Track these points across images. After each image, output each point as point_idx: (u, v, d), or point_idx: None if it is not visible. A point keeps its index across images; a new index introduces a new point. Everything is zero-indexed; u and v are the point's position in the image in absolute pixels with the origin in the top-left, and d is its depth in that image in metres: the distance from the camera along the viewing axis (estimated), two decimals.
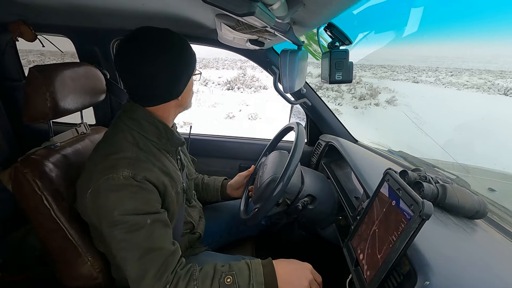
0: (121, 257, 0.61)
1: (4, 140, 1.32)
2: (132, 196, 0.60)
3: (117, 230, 0.59)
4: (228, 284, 0.61)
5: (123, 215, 0.59)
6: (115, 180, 0.60)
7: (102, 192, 0.60)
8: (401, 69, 12.20)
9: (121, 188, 0.60)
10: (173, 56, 0.65)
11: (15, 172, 0.72)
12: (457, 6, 31.45)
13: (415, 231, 0.46)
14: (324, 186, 0.96)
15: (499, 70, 11.62)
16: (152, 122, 0.69)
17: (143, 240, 0.59)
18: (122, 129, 0.68)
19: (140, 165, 0.63)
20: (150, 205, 0.63)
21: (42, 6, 0.86)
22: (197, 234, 0.94)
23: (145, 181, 0.62)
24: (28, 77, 0.76)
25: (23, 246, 1.14)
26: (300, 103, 1.11)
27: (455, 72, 12.11)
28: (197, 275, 0.62)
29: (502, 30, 19.71)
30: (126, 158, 0.63)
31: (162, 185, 0.67)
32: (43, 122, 0.81)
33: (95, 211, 0.62)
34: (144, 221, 0.60)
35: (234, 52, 1.25)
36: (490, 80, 10.79)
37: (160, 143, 0.72)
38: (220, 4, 0.32)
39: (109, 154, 0.64)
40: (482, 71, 11.79)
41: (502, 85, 10.03)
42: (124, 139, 0.67)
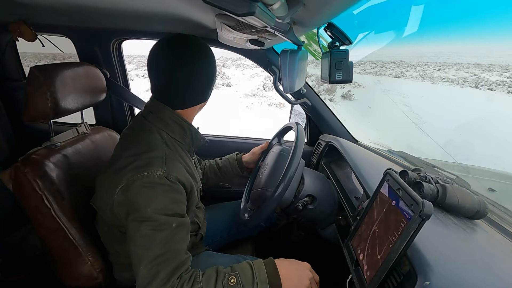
0: (137, 254, 0.61)
1: (5, 140, 1.32)
2: (164, 195, 0.62)
3: (144, 226, 0.60)
4: (232, 284, 0.62)
5: (154, 213, 0.60)
6: (150, 178, 0.62)
7: (137, 188, 0.61)
8: (391, 65, 12.19)
9: (155, 186, 0.62)
10: (207, 64, 0.71)
11: (15, 171, 0.72)
12: (456, 6, 31.18)
13: (415, 231, 0.46)
14: (324, 186, 0.96)
15: (488, 64, 11.56)
16: (178, 122, 0.72)
17: (164, 241, 0.61)
18: (150, 128, 0.70)
19: (172, 165, 0.66)
20: (179, 206, 0.65)
21: (42, 6, 0.86)
22: (199, 235, 0.94)
23: (176, 181, 0.65)
24: (28, 77, 0.76)
25: (23, 246, 1.14)
26: (300, 103, 1.11)
27: (443, 66, 12.10)
28: (200, 278, 0.63)
29: (497, 28, 19.64)
30: (159, 157, 0.65)
31: (190, 185, 0.69)
32: (44, 122, 0.81)
33: (125, 205, 0.63)
34: (171, 223, 0.62)
35: (234, 52, 1.25)
36: (476, 73, 10.74)
37: (184, 143, 0.75)
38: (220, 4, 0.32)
39: (141, 152, 0.66)
40: (470, 65, 11.77)
41: (488, 78, 9.99)
42: (154, 138, 0.69)
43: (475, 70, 11.39)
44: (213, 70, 0.73)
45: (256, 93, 10.20)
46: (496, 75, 10.55)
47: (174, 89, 0.70)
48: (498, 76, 10.46)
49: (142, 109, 0.76)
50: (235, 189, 1.49)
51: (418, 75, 11.30)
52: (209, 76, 0.72)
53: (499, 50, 13.05)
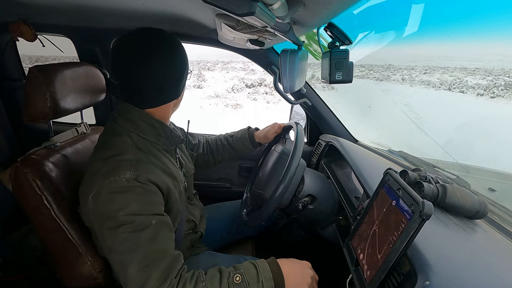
0: (121, 263, 0.58)
1: (5, 140, 1.32)
2: (136, 197, 0.60)
3: (121, 230, 0.58)
4: (237, 282, 0.61)
5: (128, 215, 0.58)
6: (118, 182, 0.59)
7: (106, 195, 0.59)
8: (379, 68, 12.32)
9: (125, 190, 0.59)
10: (175, 59, 0.66)
11: (15, 172, 0.72)
12: (456, 6, 31.20)
13: (415, 231, 0.46)
14: (324, 186, 0.96)
15: (474, 68, 11.79)
16: (149, 122, 0.68)
17: (147, 241, 0.58)
18: (120, 131, 0.67)
19: (142, 167, 0.63)
20: (155, 206, 0.62)
21: (42, 5, 0.85)
22: (199, 233, 0.94)
23: (148, 182, 0.62)
24: (28, 77, 0.76)
25: (23, 246, 1.14)
26: (300, 103, 1.11)
27: (429, 70, 12.31)
28: (204, 277, 0.62)
29: (489, 29, 19.65)
30: (128, 160, 0.62)
31: (165, 186, 0.66)
32: (43, 122, 0.81)
33: (98, 214, 0.61)
34: (149, 221, 0.59)
35: (234, 52, 1.25)
36: (460, 77, 11.02)
37: (160, 142, 0.71)
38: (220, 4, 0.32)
39: (109, 157, 0.63)
40: (456, 68, 12.00)
41: (471, 82, 10.24)
42: (123, 142, 0.66)
43: (459, 73, 11.65)
44: (182, 65, 0.68)
45: (221, 94, 10.55)
46: (479, 79, 10.76)
47: (141, 88, 0.65)
48: (481, 80, 10.67)
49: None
50: (235, 189, 1.49)
51: (401, 78, 11.54)
52: (178, 72, 0.67)
53: (490, 54, 13.26)
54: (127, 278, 0.58)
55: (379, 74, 11.99)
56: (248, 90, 11.51)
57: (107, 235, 0.60)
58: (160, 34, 0.65)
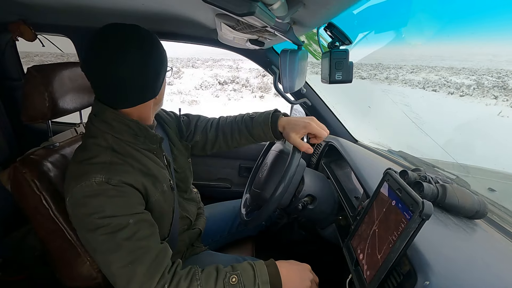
0: (105, 261, 0.58)
1: (4, 140, 1.32)
2: (110, 200, 0.58)
3: (98, 232, 0.57)
4: (233, 283, 0.61)
5: (103, 218, 0.57)
6: (89, 187, 0.58)
7: (80, 200, 0.58)
8: (367, 67, 12.56)
9: (97, 194, 0.58)
10: (151, 56, 0.62)
11: (14, 172, 0.72)
12: (453, 6, 30.72)
13: (415, 231, 0.46)
14: (324, 186, 0.96)
15: (461, 67, 12.17)
16: (124, 123, 0.65)
17: (127, 239, 0.57)
18: (95, 133, 0.65)
19: (116, 168, 0.61)
20: (132, 207, 0.61)
21: (42, 5, 0.85)
22: (197, 230, 0.92)
23: (121, 184, 0.60)
24: (26, 77, 0.75)
25: (22, 246, 1.14)
26: (300, 103, 1.11)
27: (416, 69, 12.64)
28: (199, 275, 0.61)
29: (480, 30, 19.60)
30: (100, 163, 0.61)
31: (142, 187, 0.64)
32: (42, 122, 0.81)
33: (76, 218, 0.61)
34: (126, 221, 0.58)
35: (234, 52, 1.25)
36: (445, 76, 11.42)
37: (138, 142, 0.68)
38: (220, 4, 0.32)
39: (82, 160, 0.62)
40: (443, 68, 12.33)
41: (454, 81, 10.59)
42: (97, 144, 0.64)
43: (445, 73, 11.91)
44: (159, 63, 0.64)
45: (185, 91, 10.75)
46: (463, 78, 11.10)
47: (113, 87, 0.61)
48: (464, 79, 11.00)
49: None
50: (235, 189, 1.49)
51: (385, 77, 11.80)
52: (154, 71, 0.63)
53: (480, 54, 13.67)
54: (114, 276, 0.58)
55: (366, 73, 12.24)
56: (218, 87, 11.69)
57: (87, 237, 0.59)
58: (135, 30, 0.61)
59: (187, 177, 0.92)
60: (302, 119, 0.80)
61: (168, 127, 0.88)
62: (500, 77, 11.16)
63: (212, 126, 0.93)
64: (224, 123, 0.93)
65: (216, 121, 0.95)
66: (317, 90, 1.31)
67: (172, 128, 0.89)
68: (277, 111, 0.87)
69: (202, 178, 1.44)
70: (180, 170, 0.87)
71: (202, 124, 0.94)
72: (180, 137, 0.92)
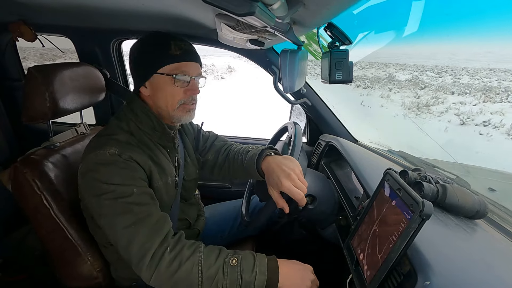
0: (109, 224, 0.63)
1: (5, 140, 1.32)
2: (119, 171, 0.64)
3: (104, 197, 0.62)
4: (233, 265, 0.62)
5: (110, 184, 0.62)
6: (102, 155, 0.64)
7: (91, 166, 0.64)
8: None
9: (109, 163, 0.64)
10: (139, 47, 0.73)
11: (14, 172, 0.72)
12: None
13: (415, 231, 0.46)
14: (324, 186, 0.96)
15: (412, 64, 12.88)
16: (146, 113, 0.73)
17: (130, 203, 0.62)
18: (121, 117, 0.74)
19: (128, 147, 0.67)
20: (137, 180, 0.66)
21: (42, 6, 0.85)
22: (195, 230, 0.93)
23: (131, 159, 0.66)
24: (27, 77, 0.76)
25: (23, 246, 1.14)
26: (300, 103, 1.11)
27: (369, 65, 13.75)
28: (202, 248, 0.64)
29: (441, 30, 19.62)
30: (116, 140, 0.68)
31: (148, 169, 0.70)
32: (43, 122, 0.81)
33: (85, 185, 0.66)
34: (131, 190, 0.63)
35: (234, 52, 1.25)
36: (391, 72, 12.46)
37: (155, 136, 0.75)
38: (220, 4, 0.32)
39: (102, 135, 0.70)
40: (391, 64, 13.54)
41: (398, 77, 11.89)
42: (119, 126, 0.72)
43: (393, 69, 13.09)
44: (148, 52, 0.72)
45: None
46: (406, 74, 12.12)
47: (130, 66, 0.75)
48: (407, 75, 12.16)
49: None
50: (235, 189, 1.49)
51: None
52: (140, 56, 0.73)
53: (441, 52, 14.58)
54: (117, 237, 0.62)
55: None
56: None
57: (93, 202, 0.64)
58: (154, 33, 0.75)
59: (192, 188, 0.95)
60: (279, 170, 0.71)
61: (187, 136, 0.94)
62: (439, 72, 12.70)
63: (225, 151, 0.95)
64: (232, 151, 0.93)
65: (229, 148, 0.95)
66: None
67: (190, 139, 0.95)
68: (270, 148, 0.82)
69: (202, 178, 1.44)
70: (187, 178, 0.90)
71: (219, 145, 0.99)
72: (195, 149, 0.97)
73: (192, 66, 0.74)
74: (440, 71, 13.09)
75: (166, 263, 0.60)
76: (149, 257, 0.59)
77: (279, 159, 0.75)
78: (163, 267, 0.59)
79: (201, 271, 0.60)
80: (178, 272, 0.60)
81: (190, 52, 0.74)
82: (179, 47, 0.72)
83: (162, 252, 0.60)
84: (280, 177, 0.69)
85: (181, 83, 0.72)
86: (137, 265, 0.60)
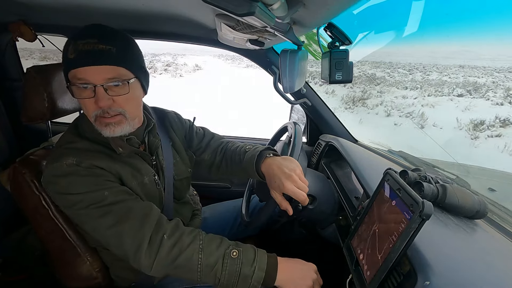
0: (93, 229, 0.61)
1: (4, 140, 1.32)
2: (81, 179, 0.60)
3: (76, 208, 0.60)
4: (233, 257, 0.61)
5: (76, 194, 0.60)
6: (58, 168, 0.61)
7: (50, 179, 0.62)
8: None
9: (67, 174, 0.60)
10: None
11: (13, 172, 0.72)
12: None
13: (415, 231, 0.46)
14: (324, 186, 0.96)
15: (388, 61, 14.11)
16: (91, 126, 0.66)
17: (108, 206, 0.60)
18: (77, 125, 0.71)
19: (88, 154, 0.63)
20: (105, 183, 0.62)
21: (42, 6, 0.85)
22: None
23: (92, 166, 0.62)
24: (26, 78, 0.76)
25: (23, 246, 1.14)
26: (300, 103, 1.11)
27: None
28: (203, 236, 0.63)
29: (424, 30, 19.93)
30: (75, 148, 0.64)
31: (116, 171, 0.65)
32: (42, 122, 0.81)
33: (53, 198, 0.65)
34: (102, 194, 0.60)
35: (234, 52, 1.25)
36: (364, 69, 13.37)
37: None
38: (220, 4, 0.32)
39: (59, 145, 0.66)
40: (367, 62, 14.71)
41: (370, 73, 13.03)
42: (77, 133, 0.68)
43: (367, 67, 14.30)
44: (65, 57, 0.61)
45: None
46: (379, 71, 13.23)
47: None
48: (380, 72, 13.17)
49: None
50: (235, 189, 1.49)
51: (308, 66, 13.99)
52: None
53: (423, 51, 16.03)
54: (106, 238, 0.61)
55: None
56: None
57: (69, 213, 0.63)
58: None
59: (184, 186, 0.90)
60: (280, 172, 0.70)
61: (175, 133, 0.88)
62: (410, 70, 13.59)
63: (222, 150, 0.92)
64: (229, 150, 0.90)
65: (225, 147, 0.93)
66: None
67: (179, 136, 0.89)
68: (268, 148, 0.81)
69: (202, 178, 1.44)
70: (178, 177, 0.86)
71: (215, 144, 0.94)
72: (188, 147, 0.92)
73: (93, 70, 0.58)
74: (412, 68, 14.11)
75: (166, 249, 0.59)
76: (145, 245, 0.58)
77: (279, 160, 0.74)
78: (163, 254, 0.59)
79: (201, 259, 0.60)
80: (179, 258, 0.59)
81: (88, 54, 0.57)
82: (75, 49, 0.57)
83: (160, 239, 0.59)
84: (282, 180, 0.68)
85: (78, 93, 0.60)
86: (134, 258, 0.59)
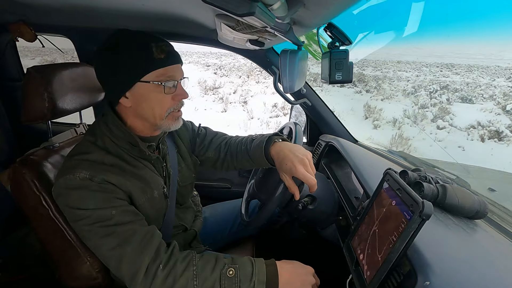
0: (95, 247, 0.61)
1: (4, 140, 1.32)
2: (92, 194, 0.60)
3: (81, 222, 0.61)
4: (230, 276, 0.60)
5: (85, 210, 0.60)
6: (71, 180, 0.60)
7: (62, 191, 0.62)
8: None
9: (79, 187, 0.60)
10: (114, 52, 0.63)
11: (13, 172, 0.72)
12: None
13: (415, 231, 0.46)
14: (324, 186, 0.96)
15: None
16: (120, 129, 0.67)
17: (113, 227, 0.60)
18: (95, 133, 0.68)
19: (102, 168, 0.63)
20: (114, 201, 0.62)
21: (42, 6, 0.86)
22: (192, 231, 0.92)
23: (104, 182, 0.62)
24: (26, 78, 0.76)
25: (23, 246, 1.14)
26: (300, 103, 1.11)
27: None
28: (196, 261, 0.62)
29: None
30: (89, 160, 0.63)
31: (127, 189, 0.65)
32: (42, 123, 0.81)
33: (61, 208, 0.64)
34: (109, 212, 0.60)
35: (234, 52, 1.25)
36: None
37: (134, 150, 0.70)
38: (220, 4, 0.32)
39: (73, 155, 0.65)
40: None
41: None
42: (93, 143, 0.67)
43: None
44: (123, 61, 0.63)
45: None
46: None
47: (100, 79, 0.68)
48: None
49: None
50: (235, 189, 1.49)
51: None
52: (115, 66, 0.63)
53: (411, 49, 17.96)
54: (106, 258, 0.62)
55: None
56: None
57: (74, 227, 0.63)
58: (118, 31, 0.65)
59: (188, 192, 0.92)
60: (292, 155, 0.71)
61: (180, 139, 0.89)
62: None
63: (226, 145, 0.93)
64: (233, 143, 0.92)
65: (229, 141, 0.94)
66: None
67: (185, 141, 0.90)
68: (276, 134, 0.82)
69: (202, 178, 1.44)
70: (182, 184, 0.87)
71: (218, 141, 0.94)
72: (192, 151, 0.92)
73: (177, 68, 0.67)
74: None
75: (160, 280, 0.58)
76: (142, 275, 0.58)
77: (290, 145, 0.75)
78: (157, 285, 0.58)
79: (197, 286, 0.59)
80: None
81: (173, 54, 0.66)
82: (162, 50, 0.64)
83: (155, 270, 0.58)
84: (295, 163, 0.69)
85: (168, 89, 0.66)
86: (130, 284, 0.59)
